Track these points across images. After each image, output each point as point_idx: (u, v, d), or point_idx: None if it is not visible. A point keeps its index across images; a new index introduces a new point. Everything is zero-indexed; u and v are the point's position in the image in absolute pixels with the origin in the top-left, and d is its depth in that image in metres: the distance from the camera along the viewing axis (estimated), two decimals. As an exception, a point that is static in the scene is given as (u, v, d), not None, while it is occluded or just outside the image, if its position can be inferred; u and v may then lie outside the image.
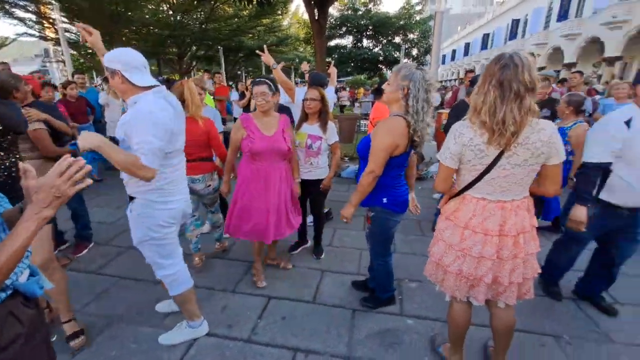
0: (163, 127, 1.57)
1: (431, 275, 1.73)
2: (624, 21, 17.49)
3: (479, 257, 1.47)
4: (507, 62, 1.26)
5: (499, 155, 1.35)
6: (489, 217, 1.45)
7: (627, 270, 2.82)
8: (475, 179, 1.44)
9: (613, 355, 1.94)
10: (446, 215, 1.60)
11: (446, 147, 1.47)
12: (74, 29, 15.95)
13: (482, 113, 1.31)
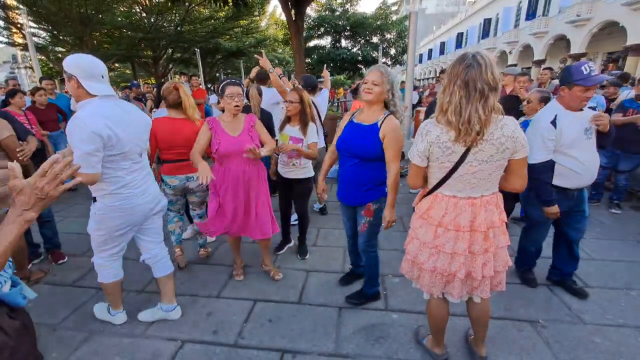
0: (89, 131, 1.59)
1: (407, 273, 1.77)
2: (587, 19, 18.43)
3: (452, 253, 1.53)
4: (470, 62, 1.31)
5: (466, 152, 1.40)
6: (460, 214, 1.50)
7: (593, 255, 3.01)
8: (445, 176, 1.49)
9: (585, 336, 2.06)
10: (419, 214, 1.64)
11: (415, 146, 1.51)
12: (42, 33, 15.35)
13: (449, 113, 1.36)
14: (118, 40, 16.92)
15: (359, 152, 2.00)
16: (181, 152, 2.60)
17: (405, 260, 1.76)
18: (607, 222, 3.72)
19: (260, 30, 23.19)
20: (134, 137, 1.83)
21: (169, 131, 2.60)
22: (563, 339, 2.03)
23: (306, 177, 2.90)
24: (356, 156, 2.02)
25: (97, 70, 1.69)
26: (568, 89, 2.08)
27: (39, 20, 13.71)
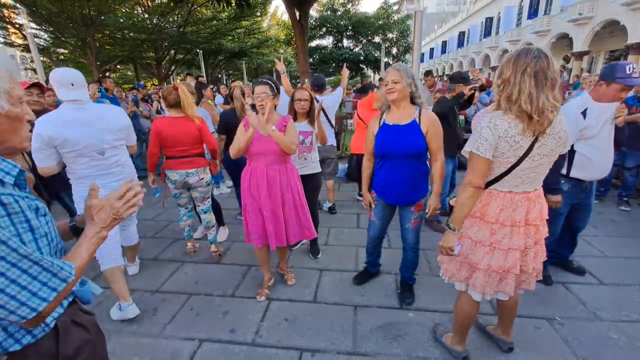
0: (35, 133, 1.94)
1: (453, 275, 1.71)
2: (589, 18, 18.39)
3: (508, 249, 1.51)
4: (537, 53, 1.32)
5: (531, 146, 1.40)
6: (516, 209, 1.49)
7: (606, 252, 3.01)
8: (505, 172, 1.46)
9: (602, 332, 2.06)
10: (472, 214, 1.58)
11: (482, 140, 1.42)
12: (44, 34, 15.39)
13: (522, 102, 1.32)
14: (121, 41, 16.95)
15: (408, 150, 2.01)
16: (182, 150, 2.77)
17: (451, 262, 1.71)
18: (617, 219, 3.71)
19: (262, 30, 23.21)
20: (90, 137, 2.11)
21: (171, 129, 2.73)
22: (581, 335, 2.04)
23: (317, 172, 2.95)
24: (405, 156, 2.04)
25: (66, 79, 2.02)
26: (606, 85, 2.12)
27: (40, 21, 13.73)
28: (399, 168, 2.08)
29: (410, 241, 2.31)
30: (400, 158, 2.05)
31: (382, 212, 2.31)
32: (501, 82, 1.40)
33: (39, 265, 0.73)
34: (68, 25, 13.71)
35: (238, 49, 21.60)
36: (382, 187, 2.19)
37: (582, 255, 2.94)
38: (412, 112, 2.04)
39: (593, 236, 3.29)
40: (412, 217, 2.21)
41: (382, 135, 2.08)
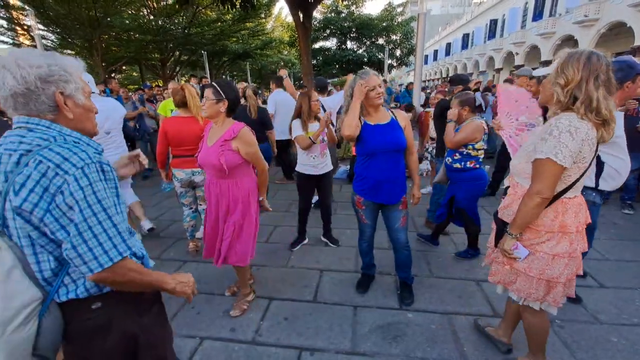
0: None
1: (530, 295, 1.55)
2: (595, 20, 18.29)
3: (577, 255, 1.49)
4: (607, 61, 1.33)
5: (596, 148, 1.39)
6: (582, 212, 1.48)
7: (607, 255, 3.00)
8: (579, 177, 1.41)
9: (602, 335, 2.06)
10: (550, 229, 1.45)
11: (562, 146, 1.30)
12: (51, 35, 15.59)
13: (603, 109, 1.30)
14: (127, 42, 17.12)
15: (396, 145, 2.13)
16: (187, 149, 2.84)
17: (526, 281, 1.54)
18: (620, 223, 3.70)
19: (266, 32, 23.33)
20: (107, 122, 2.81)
21: (177, 129, 2.83)
22: (580, 338, 2.04)
23: (330, 169, 3.19)
24: (392, 151, 2.14)
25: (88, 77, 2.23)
26: (632, 82, 2.03)
27: (48, 22, 13.91)
28: (386, 165, 2.15)
29: (402, 240, 2.34)
30: (387, 154, 2.14)
31: (372, 213, 2.37)
32: (565, 83, 1.34)
33: (116, 229, 0.88)
34: (75, 26, 13.89)
35: (242, 51, 21.71)
36: (372, 187, 2.22)
37: (584, 258, 2.93)
38: (386, 113, 2.20)
39: (595, 239, 3.27)
40: (400, 216, 2.28)
41: (369, 134, 2.13)
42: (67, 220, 0.83)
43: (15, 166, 0.83)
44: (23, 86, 0.84)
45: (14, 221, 0.85)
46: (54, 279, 0.91)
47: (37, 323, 0.87)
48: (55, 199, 0.82)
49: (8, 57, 0.85)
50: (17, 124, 0.88)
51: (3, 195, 0.84)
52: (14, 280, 0.84)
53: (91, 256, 0.83)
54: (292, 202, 4.63)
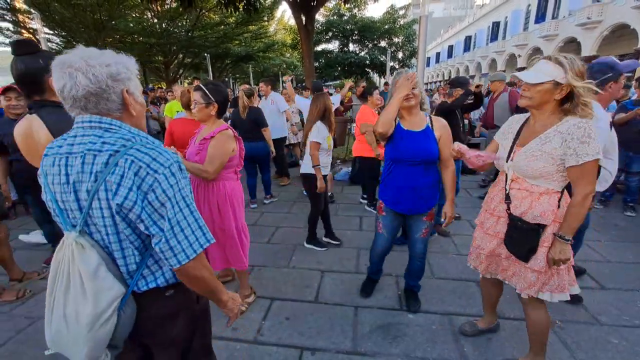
0: None
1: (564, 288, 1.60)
2: (598, 22, 18.25)
3: None
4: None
5: None
6: None
7: (609, 257, 3.00)
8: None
9: (602, 336, 2.06)
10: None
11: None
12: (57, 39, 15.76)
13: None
14: (130, 45, 17.23)
15: (424, 157, 1.98)
16: None
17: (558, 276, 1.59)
18: (621, 225, 3.70)
19: (268, 35, 23.44)
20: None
21: (182, 130, 2.86)
22: (580, 339, 2.04)
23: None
24: (420, 162, 2.00)
25: None
26: (615, 83, 2.03)
27: (53, 26, 14.06)
28: (412, 175, 2.02)
29: (418, 251, 2.25)
30: (413, 165, 2.01)
31: (391, 224, 2.23)
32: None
33: (198, 223, 0.92)
34: (80, 29, 14.04)
35: (245, 53, 21.82)
36: (393, 195, 2.11)
37: (584, 259, 2.94)
38: (423, 119, 2.04)
39: (595, 241, 3.28)
40: (423, 227, 2.16)
41: (398, 139, 2.02)
42: (158, 216, 0.87)
43: (104, 166, 0.84)
44: (96, 85, 0.85)
45: (104, 219, 0.87)
46: (135, 272, 0.95)
47: (117, 316, 0.92)
48: (148, 196, 0.85)
49: (74, 57, 0.85)
50: (89, 123, 0.89)
51: (92, 194, 0.85)
52: (101, 277, 0.88)
53: (180, 248, 0.88)
54: (294, 203, 4.66)
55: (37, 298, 2.60)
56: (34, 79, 1.38)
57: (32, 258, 3.15)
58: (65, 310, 0.89)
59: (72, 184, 0.87)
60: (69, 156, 0.88)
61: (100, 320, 0.88)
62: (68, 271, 0.88)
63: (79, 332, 0.88)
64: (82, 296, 0.87)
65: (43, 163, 0.92)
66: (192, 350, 1.14)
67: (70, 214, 0.91)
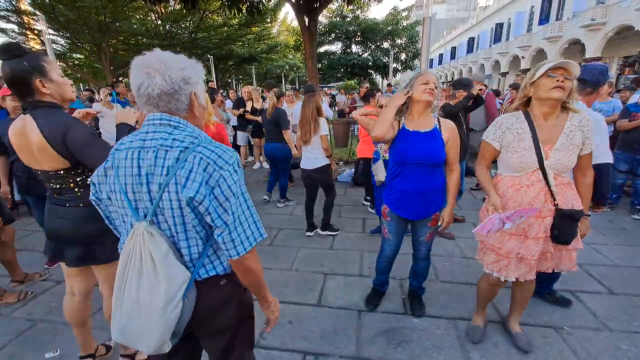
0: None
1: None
2: (602, 23, 18.14)
3: None
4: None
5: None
6: None
7: (617, 261, 2.95)
8: None
9: (612, 343, 2.02)
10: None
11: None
12: (61, 40, 15.86)
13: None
14: (134, 47, 17.31)
15: (430, 159, 1.92)
16: None
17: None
18: (629, 228, 3.64)
19: (271, 36, 23.49)
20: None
21: None
22: (589, 345, 2.00)
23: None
24: (425, 165, 1.93)
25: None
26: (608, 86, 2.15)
27: (58, 27, 14.15)
28: (417, 178, 1.96)
29: (422, 252, 2.22)
30: (419, 167, 1.94)
31: (397, 228, 2.17)
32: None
33: (253, 218, 0.98)
34: (84, 31, 14.10)
35: (248, 55, 21.88)
36: (398, 199, 2.05)
37: (592, 263, 2.89)
38: (431, 120, 1.98)
39: (603, 244, 3.23)
40: (427, 232, 2.13)
41: (402, 141, 1.96)
42: (222, 210, 0.92)
43: (175, 161, 0.91)
44: (170, 86, 0.93)
45: (173, 210, 0.93)
46: (197, 260, 1.01)
47: (182, 302, 0.96)
48: (214, 191, 0.91)
49: (153, 59, 0.93)
50: (159, 121, 0.96)
51: (163, 187, 0.91)
52: (171, 262, 0.94)
53: (239, 241, 0.95)
54: (297, 204, 4.64)
55: (38, 300, 2.59)
56: (21, 81, 1.37)
57: (34, 259, 3.14)
58: (139, 295, 0.94)
59: (145, 176, 0.93)
60: (142, 150, 0.94)
61: (172, 303, 0.93)
62: (140, 258, 0.93)
63: (152, 315, 0.93)
64: (156, 280, 0.93)
65: (114, 157, 0.98)
66: (238, 340, 1.19)
67: (140, 204, 0.97)
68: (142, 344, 0.97)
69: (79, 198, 1.55)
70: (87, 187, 1.54)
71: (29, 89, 1.39)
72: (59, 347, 2.05)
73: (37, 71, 1.39)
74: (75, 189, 1.54)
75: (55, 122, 1.41)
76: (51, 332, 2.21)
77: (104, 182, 1.01)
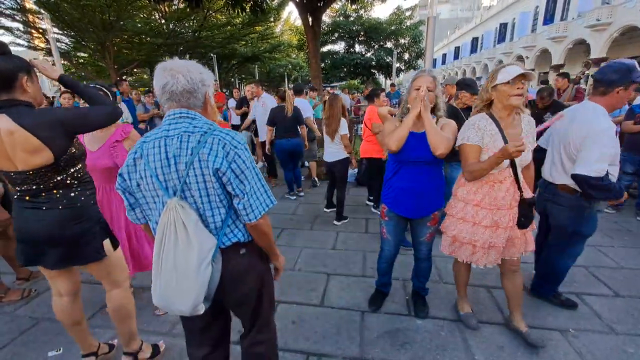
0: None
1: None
2: (607, 24, 18.00)
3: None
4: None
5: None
6: None
7: (622, 263, 2.92)
8: None
9: (618, 346, 1.99)
10: None
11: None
12: (66, 39, 15.93)
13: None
14: (138, 46, 17.35)
15: (425, 157, 1.92)
16: None
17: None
18: (634, 230, 3.60)
19: (275, 36, 23.47)
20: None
21: None
22: (594, 348, 1.98)
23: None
24: (423, 163, 1.95)
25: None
26: (624, 89, 1.87)
27: (63, 26, 14.19)
28: (415, 177, 1.99)
29: (424, 252, 2.23)
30: (416, 166, 1.97)
31: (395, 228, 2.19)
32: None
33: (264, 188, 1.18)
34: (88, 30, 14.14)
35: (251, 54, 21.86)
36: (395, 197, 2.07)
37: (597, 265, 2.86)
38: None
39: (609, 246, 3.20)
40: (427, 232, 2.14)
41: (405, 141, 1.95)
42: (238, 181, 1.11)
43: (197, 143, 1.09)
44: (190, 85, 1.13)
45: (198, 184, 1.11)
46: (220, 229, 1.18)
47: (211, 265, 1.14)
48: (232, 165, 1.10)
49: (176, 64, 1.13)
50: (179, 114, 1.14)
51: (189, 165, 1.09)
52: (200, 230, 1.12)
53: (255, 206, 1.14)
54: (299, 204, 4.63)
55: (41, 297, 2.60)
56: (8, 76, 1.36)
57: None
58: (176, 261, 1.10)
59: (173, 158, 1.10)
60: (167, 138, 1.12)
61: (204, 264, 1.11)
62: (175, 229, 1.09)
63: (189, 276, 1.09)
64: (189, 245, 1.09)
65: (143, 148, 1.14)
66: (262, 308, 1.37)
67: (169, 184, 1.13)
68: (181, 304, 1.12)
69: (58, 200, 1.50)
70: (66, 187, 1.54)
71: (11, 86, 1.36)
72: (61, 346, 2.06)
73: (25, 69, 1.40)
74: (53, 190, 1.50)
75: (41, 114, 1.40)
76: (54, 331, 2.21)
77: (133, 171, 1.15)
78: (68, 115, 1.46)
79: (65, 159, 1.48)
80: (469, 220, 1.95)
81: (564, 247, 2.24)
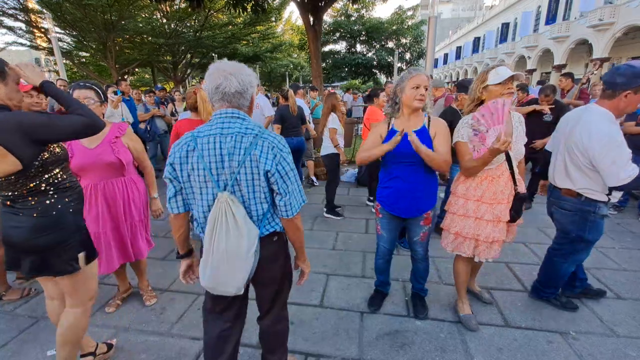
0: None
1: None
2: (610, 23, 17.92)
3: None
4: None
5: None
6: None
7: (625, 265, 2.90)
8: None
9: (619, 349, 1.98)
10: None
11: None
12: (67, 38, 15.97)
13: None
14: (140, 45, 17.39)
15: (412, 156, 1.90)
16: None
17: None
18: (636, 231, 3.58)
19: (276, 35, 23.46)
20: None
21: (187, 130, 2.78)
22: (596, 351, 1.96)
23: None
24: (414, 162, 1.94)
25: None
26: (634, 93, 1.80)
27: (64, 25, 14.23)
28: (407, 176, 1.99)
29: (419, 252, 2.22)
30: (407, 165, 1.98)
31: (389, 224, 2.21)
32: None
33: (299, 188, 1.33)
34: (90, 29, 14.18)
35: (252, 54, 21.86)
36: (388, 196, 2.09)
37: (599, 267, 2.85)
38: (421, 119, 2.00)
39: (610, 248, 3.18)
40: (420, 232, 2.13)
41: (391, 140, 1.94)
42: (282, 181, 1.25)
43: (249, 144, 1.21)
44: (241, 86, 1.23)
45: (247, 181, 1.23)
46: (260, 221, 1.32)
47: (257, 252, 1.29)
48: (278, 167, 1.22)
49: (229, 66, 1.22)
50: (231, 114, 1.25)
51: (241, 163, 1.21)
52: (248, 221, 1.26)
53: (294, 203, 1.29)
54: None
55: (41, 297, 2.59)
56: None
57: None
58: (227, 247, 1.22)
59: (227, 155, 1.21)
60: (221, 136, 1.22)
61: (251, 251, 1.26)
62: (226, 219, 1.21)
63: (239, 259, 1.24)
64: (239, 234, 1.22)
65: (197, 142, 1.23)
66: (283, 290, 1.56)
67: (221, 178, 1.24)
68: (229, 284, 1.28)
69: (33, 207, 1.43)
70: (41, 193, 1.45)
71: None
72: (60, 345, 2.05)
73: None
74: (28, 197, 1.42)
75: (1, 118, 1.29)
76: (53, 330, 2.19)
77: (185, 162, 1.25)
78: (29, 121, 1.32)
79: (35, 165, 1.39)
80: (471, 216, 2.00)
81: (567, 252, 2.21)
